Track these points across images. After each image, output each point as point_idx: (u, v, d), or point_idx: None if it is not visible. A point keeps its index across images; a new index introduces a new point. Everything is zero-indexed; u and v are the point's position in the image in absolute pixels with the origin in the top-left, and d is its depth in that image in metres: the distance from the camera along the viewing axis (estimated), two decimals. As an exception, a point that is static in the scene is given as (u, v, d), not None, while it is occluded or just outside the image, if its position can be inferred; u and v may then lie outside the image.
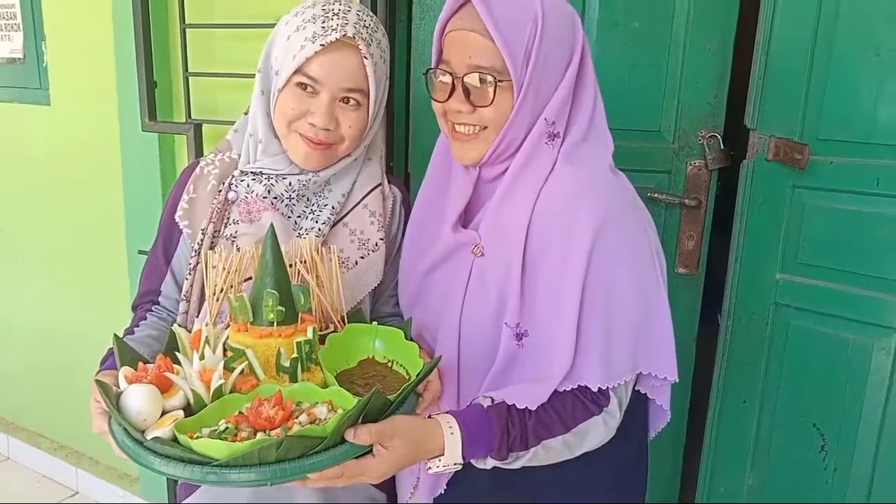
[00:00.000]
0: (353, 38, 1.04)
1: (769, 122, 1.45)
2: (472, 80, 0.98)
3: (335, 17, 1.05)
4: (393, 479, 1.15)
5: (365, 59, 1.06)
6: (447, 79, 1.00)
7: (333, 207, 1.15)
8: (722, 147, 1.57)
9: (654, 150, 1.61)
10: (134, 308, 1.20)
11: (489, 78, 0.96)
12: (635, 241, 0.99)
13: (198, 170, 1.16)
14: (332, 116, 1.08)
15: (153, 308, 1.17)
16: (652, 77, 1.56)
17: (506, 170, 1.02)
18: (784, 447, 1.56)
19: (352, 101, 1.08)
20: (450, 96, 1.00)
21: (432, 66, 1.04)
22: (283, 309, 0.94)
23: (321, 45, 1.03)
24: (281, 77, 1.08)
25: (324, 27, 1.04)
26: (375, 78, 1.08)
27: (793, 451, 1.54)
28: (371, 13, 1.12)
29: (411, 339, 1.06)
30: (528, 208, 0.98)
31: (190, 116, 1.87)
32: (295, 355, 0.92)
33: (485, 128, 1.01)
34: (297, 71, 1.05)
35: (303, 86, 1.07)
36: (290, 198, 1.13)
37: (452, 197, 1.08)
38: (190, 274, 1.12)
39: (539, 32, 0.95)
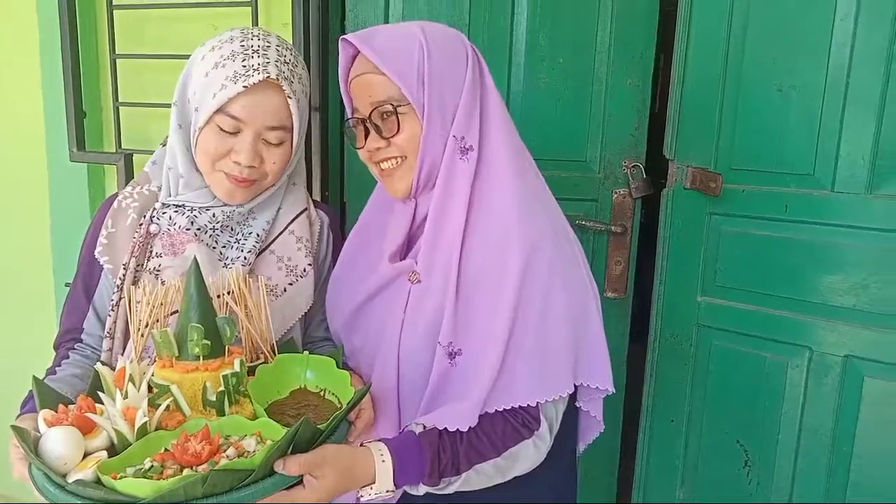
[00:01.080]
0: (277, 78, 1.03)
1: (686, 153, 1.54)
2: (378, 115, 1.03)
3: (255, 55, 1.04)
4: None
5: (289, 99, 1.06)
6: (360, 125, 1.06)
7: (258, 235, 1.14)
8: (644, 176, 1.64)
9: (581, 179, 1.67)
10: (56, 347, 1.16)
11: (389, 107, 1.02)
12: (565, 261, 1.03)
13: (116, 203, 1.14)
14: (257, 154, 1.07)
15: (76, 346, 1.13)
16: (577, 110, 1.63)
17: None
18: (711, 463, 1.62)
19: (275, 138, 1.08)
20: (366, 139, 1.06)
21: (348, 118, 1.09)
22: (209, 342, 0.94)
23: (244, 86, 1.02)
24: (201, 115, 1.06)
25: (244, 66, 1.03)
26: (299, 114, 1.08)
27: (719, 467, 1.61)
28: (289, 45, 1.11)
29: (344, 367, 1.07)
30: (459, 232, 1.02)
31: (120, 146, 1.85)
32: (222, 389, 0.92)
33: (405, 157, 1.05)
34: (219, 111, 1.04)
35: (225, 125, 1.05)
36: (213, 229, 1.12)
37: (391, 231, 1.11)
38: (113, 310, 1.09)
39: (426, 56, 1.00)
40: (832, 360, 1.43)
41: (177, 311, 1.00)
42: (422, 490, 0.97)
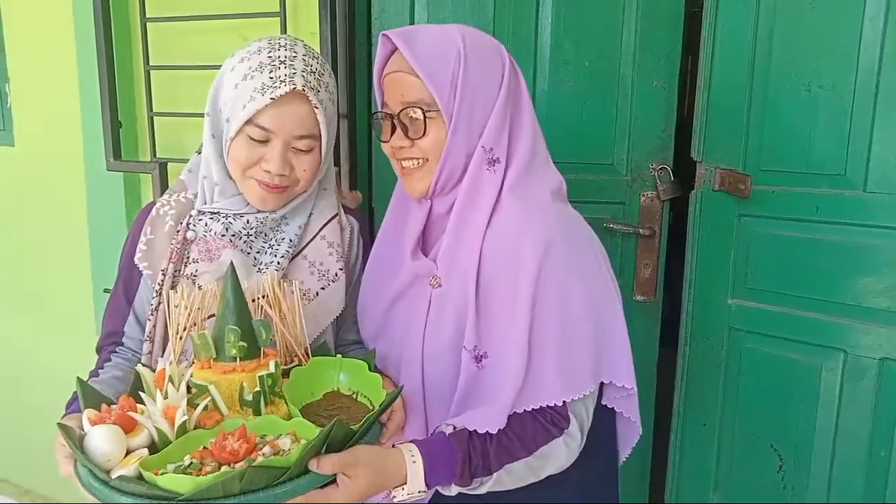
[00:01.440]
0: (303, 89, 1.05)
1: (714, 155, 1.53)
2: (406, 115, 1.05)
3: (282, 66, 1.05)
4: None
5: (315, 109, 1.07)
6: (387, 120, 1.08)
7: (291, 240, 1.16)
8: (672, 178, 1.64)
9: (609, 182, 1.67)
10: (98, 350, 1.19)
11: (419, 111, 1.03)
12: (582, 261, 1.04)
13: (154, 211, 1.17)
14: (286, 162, 1.09)
15: (117, 349, 1.17)
16: (603, 113, 1.63)
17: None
18: (744, 468, 1.60)
19: (304, 146, 1.10)
20: (392, 135, 1.07)
21: (377, 110, 1.11)
22: (245, 344, 0.96)
23: (271, 98, 1.04)
24: (232, 126, 1.08)
25: (272, 77, 1.05)
26: (326, 122, 1.10)
27: (753, 472, 1.59)
28: (316, 54, 1.12)
29: (375, 371, 1.08)
30: (479, 239, 1.03)
31: (155, 155, 1.90)
32: (257, 389, 0.94)
33: (427, 160, 1.06)
34: (248, 122, 1.06)
35: (255, 135, 1.07)
36: (248, 235, 1.15)
37: (407, 230, 1.14)
38: (152, 314, 1.13)
39: (463, 65, 1.02)
40: (868, 363, 1.40)
41: (213, 315, 1.03)
42: (454, 490, 0.98)
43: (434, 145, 1.05)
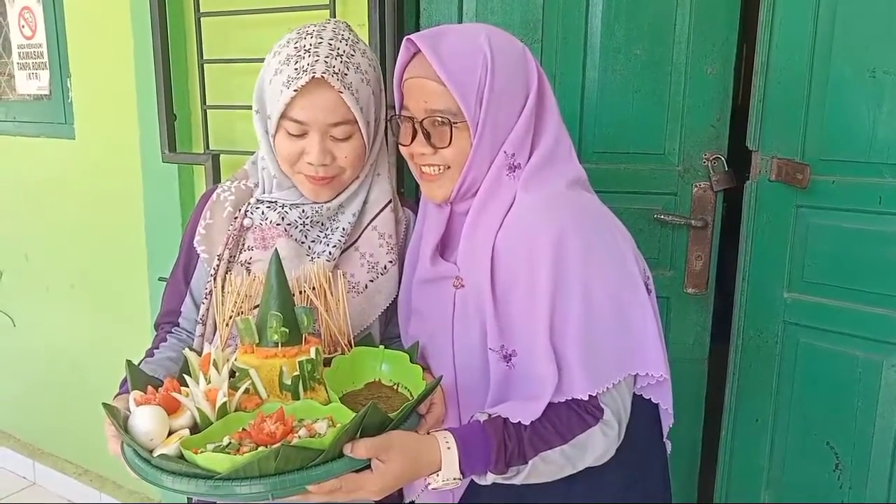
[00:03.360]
0: (323, 76, 1.03)
1: (770, 144, 1.47)
2: (430, 123, 1.03)
3: (306, 55, 1.04)
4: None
5: (341, 93, 1.05)
6: (408, 123, 1.06)
7: (344, 229, 1.16)
8: (726, 168, 1.58)
9: (660, 172, 1.63)
10: (156, 327, 1.23)
11: (445, 120, 1.02)
12: (599, 248, 1.01)
13: (214, 196, 1.19)
14: (326, 152, 1.08)
15: (173, 329, 1.20)
16: (655, 102, 1.59)
17: None
18: (798, 466, 1.55)
19: (341, 133, 1.08)
20: (413, 140, 1.06)
21: (395, 113, 1.09)
22: (287, 330, 0.98)
23: (294, 90, 1.03)
24: (272, 122, 1.09)
25: (296, 69, 1.04)
26: (359, 105, 1.07)
27: (807, 470, 1.54)
28: (346, 35, 1.09)
29: (417, 363, 1.08)
30: (492, 238, 1.02)
31: (208, 147, 1.94)
32: (297, 374, 0.95)
33: (448, 167, 1.05)
34: (283, 116, 1.06)
35: (292, 129, 1.07)
36: (303, 224, 1.15)
37: (427, 233, 1.13)
38: (206, 298, 1.15)
39: (489, 73, 1.00)
40: (933, 360, 1.34)
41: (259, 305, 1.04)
42: (489, 479, 0.97)
43: (458, 154, 1.04)
